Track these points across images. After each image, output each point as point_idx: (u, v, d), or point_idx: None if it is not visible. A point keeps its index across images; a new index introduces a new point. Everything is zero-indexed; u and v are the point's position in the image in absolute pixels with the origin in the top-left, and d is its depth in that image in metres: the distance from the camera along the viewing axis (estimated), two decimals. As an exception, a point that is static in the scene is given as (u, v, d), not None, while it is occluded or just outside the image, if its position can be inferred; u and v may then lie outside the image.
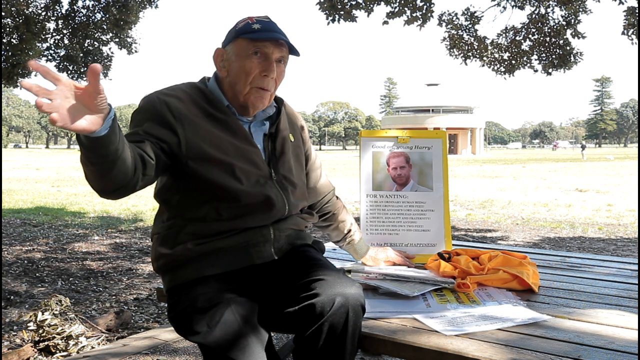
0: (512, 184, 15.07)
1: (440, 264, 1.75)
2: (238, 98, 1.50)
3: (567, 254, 2.22)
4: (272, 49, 1.46)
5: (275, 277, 1.44)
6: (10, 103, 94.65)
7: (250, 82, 1.46)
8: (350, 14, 6.79)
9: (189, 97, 1.47)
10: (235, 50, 1.47)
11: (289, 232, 1.53)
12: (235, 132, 1.48)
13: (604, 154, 45.36)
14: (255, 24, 1.46)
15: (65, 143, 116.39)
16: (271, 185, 1.49)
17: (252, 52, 1.45)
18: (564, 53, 7.58)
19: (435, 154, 2.04)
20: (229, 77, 1.50)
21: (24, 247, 5.82)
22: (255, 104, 1.50)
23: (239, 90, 1.48)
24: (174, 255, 1.45)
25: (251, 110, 1.52)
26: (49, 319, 2.76)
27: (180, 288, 1.44)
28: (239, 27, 1.48)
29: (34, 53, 7.88)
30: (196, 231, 1.43)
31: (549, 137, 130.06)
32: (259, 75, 1.46)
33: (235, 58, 1.47)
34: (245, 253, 1.45)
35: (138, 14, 8.11)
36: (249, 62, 1.45)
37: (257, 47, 1.45)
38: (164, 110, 1.41)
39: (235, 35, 1.47)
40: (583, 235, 6.63)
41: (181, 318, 1.39)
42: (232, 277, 1.43)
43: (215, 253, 1.42)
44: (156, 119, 1.41)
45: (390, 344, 1.25)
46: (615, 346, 1.18)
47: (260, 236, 1.47)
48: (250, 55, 1.45)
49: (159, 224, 1.53)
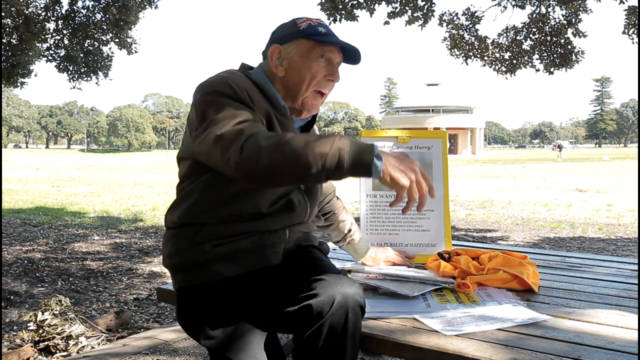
0: (512, 184, 15.07)
1: (440, 264, 1.75)
2: (295, 99, 1.46)
3: (567, 254, 2.22)
4: (336, 54, 1.46)
5: (276, 278, 1.44)
6: (10, 103, 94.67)
7: (314, 84, 1.45)
8: (351, 14, 6.79)
9: (254, 90, 1.40)
10: (299, 50, 1.44)
11: (299, 235, 1.54)
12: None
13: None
14: (319, 27, 1.44)
15: (65, 143, 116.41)
16: (297, 193, 1.47)
17: (319, 55, 1.43)
18: (565, 52, 7.58)
19: (435, 154, 2.04)
20: (286, 76, 1.45)
21: (24, 247, 5.82)
22: (310, 108, 1.48)
23: (299, 92, 1.45)
24: (190, 256, 1.40)
25: (304, 114, 1.50)
26: (49, 319, 2.76)
27: (194, 289, 1.41)
28: (302, 27, 1.44)
29: (33, 53, 7.88)
30: (215, 232, 1.39)
31: (549, 137, 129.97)
32: (324, 79, 1.45)
33: (299, 58, 1.44)
34: (263, 254, 1.42)
35: (138, 14, 8.12)
36: (315, 64, 1.43)
37: (324, 51, 1.44)
38: (246, 97, 1.32)
39: (300, 35, 1.44)
40: (583, 235, 6.63)
41: (194, 321, 1.38)
42: (246, 280, 1.40)
43: (232, 255, 1.39)
44: (244, 103, 1.31)
45: (390, 344, 1.25)
46: (615, 346, 1.18)
47: (276, 237, 1.45)
48: (317, 58, 1.43)
49: (175, 215, 1.44)
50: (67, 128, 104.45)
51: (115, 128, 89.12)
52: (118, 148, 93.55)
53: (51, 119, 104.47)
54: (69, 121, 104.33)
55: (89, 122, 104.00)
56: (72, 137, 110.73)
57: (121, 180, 17.95)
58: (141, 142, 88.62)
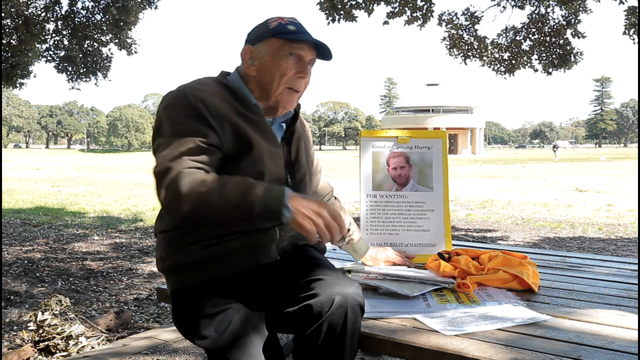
0: (512, 184, 15.08)
1: (440, 264, 1.75)
2: (268, 97, 1.48)
3: (567, 254, 2.22)
4: (307, 51, 1.47)
5: (275, 277, 1.44)
6: (10, 103, 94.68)
7: (284, 82, 1.46)
8: (350, 14, 6.79)
9: (220, 94, 1.43)
10: (269, 49, 1.46)
11: (292, 233, 1.53)
12: (265, 134, 1.46)
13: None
14: (289, 25, 1.46)
15: (65, 143, 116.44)
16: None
17: (288, 52, 1.45)
18: (564, 53, 7.58)
19: (435, 154, 2.04)
20: (258, 75, 1.48)
21: (24, 247, 5.82)
22: (286, 105, 1.49)
23: (270, 90, 1.47)
24: (181, 257, 1.42)
25: (280, 111, 1.51)
26: (49, 319, 2.76)
27: (186, 290, 1.42)
28: (272, 26, 1.46)
29: (33, 54, 7.88)
30: (205, 233, 1.40)
31: (549, 137, 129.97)
32: (294, 76, 1.46)
33: (269, 57, 1.46)
34: (253, 254, 1.43)
35: (137, 15, 8.11)
36: (284, 62, 1.45)
37: (292, 49, 1.45)
38: (201, 108, 1.36)
39: (269, 34, 1.46)
40: (583, 235, 6.63)
41: (188, 322, 1.39)
42: (238, 279, 1.41)
43: (223, 255, 1.40)
44: (197, 116, 1.36)
45: (390, 344, 1.25)
46: (615, 346, 1.18)
47: (267, 236, 1.45)
48: (286, 56, 1.45)
49: (165, 222, 1.48)
50: (67, 128, 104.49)
51: (115, 128, 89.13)
52: (118, 148, 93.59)
53: (51, 119, 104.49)
54: (69, 121, 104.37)
55: (89, 122, 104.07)
56: (72, 137, 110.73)
57: (121, 180, 17.95)
58: (141, 142, 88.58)
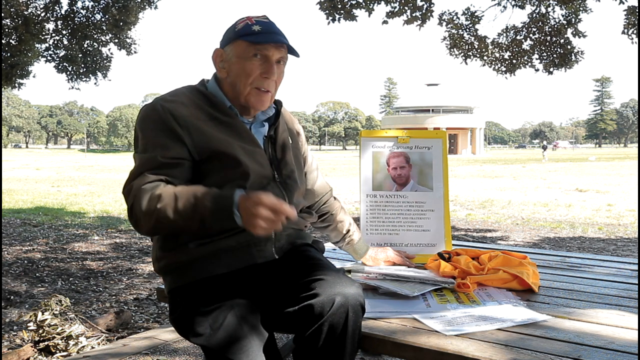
0: (512, 184, 15.08)
1: (440, 264, 1.75)
2: (239, 99, 1.50)
3: (567, 254, 2.22)
4: (273, 51, 1.47)
5: (275, 277, 1.44)
6: (10, 103, 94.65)
7: (250, 82, 1.47)
8: (350, 14, 6.79)
9: (192, 102, 1.47)
10: (235, 51, 1.48)
11: (289, 232, 1.54)
12: (240, 134, 1.48)
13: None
14: (255, 25, 1.46)
15: (65, 143, 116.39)
16: (273, 186, 1.49)
17: (252, 54, 1.46)
18: (565, 52, 7.58)
19: (435, 154, 2.04)
20: (229, 77, 1.50)
21: (24, 247, 5.82)
22: (255, 105, 1.51)
23: (239, 91, 1.49)
24: (175, 257, 1.44)
25: (252, 111, 1.53)
26: (49, 319, 2.76)
27: (182, 289, 1.44)
28: (238, 28, 1.48)
29: (32, 54, 7.88)
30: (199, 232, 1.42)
31: (549, 137, 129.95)
32: (260, 77, 1.47)
33: (236, 60, 1.47)
34: (247, 252, 1.44)
35: (137, 15, 8.11)
36: (249, 63, 1.46)
37: (257, 50, 1.46)
38: (169, 120, 1.41)
39: (235, 37, 1.47)
40: (583, 235, 6.63)
41: (183, 320, 1.39)
42: (233, 277, 1.43)
43: (217, 254, 1.42)
44: (163, 129, 1.41)
45: (390, 344, 1.25)
46: (615, 346, 1.18)
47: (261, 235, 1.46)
48: (251, 57, 1.46)
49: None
50: (67, 128, 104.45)
51: (115, 128, 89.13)
52: (118, 148, 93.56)
53: (51, 119, 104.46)
54: (69, 121, 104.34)
55: (89, 122, 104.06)
56: (72, 137, 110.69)
57: (121, 180, 17.94)
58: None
